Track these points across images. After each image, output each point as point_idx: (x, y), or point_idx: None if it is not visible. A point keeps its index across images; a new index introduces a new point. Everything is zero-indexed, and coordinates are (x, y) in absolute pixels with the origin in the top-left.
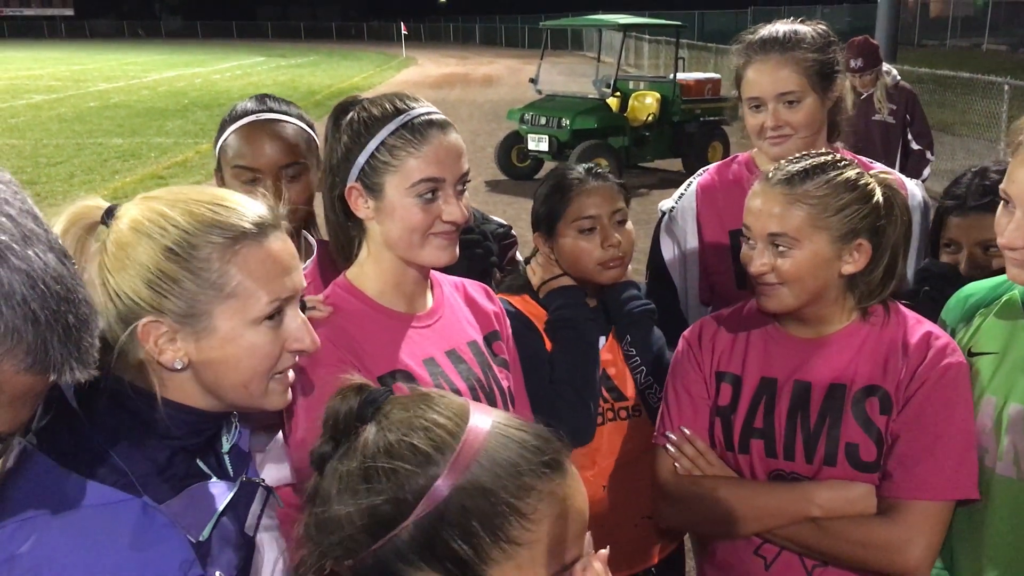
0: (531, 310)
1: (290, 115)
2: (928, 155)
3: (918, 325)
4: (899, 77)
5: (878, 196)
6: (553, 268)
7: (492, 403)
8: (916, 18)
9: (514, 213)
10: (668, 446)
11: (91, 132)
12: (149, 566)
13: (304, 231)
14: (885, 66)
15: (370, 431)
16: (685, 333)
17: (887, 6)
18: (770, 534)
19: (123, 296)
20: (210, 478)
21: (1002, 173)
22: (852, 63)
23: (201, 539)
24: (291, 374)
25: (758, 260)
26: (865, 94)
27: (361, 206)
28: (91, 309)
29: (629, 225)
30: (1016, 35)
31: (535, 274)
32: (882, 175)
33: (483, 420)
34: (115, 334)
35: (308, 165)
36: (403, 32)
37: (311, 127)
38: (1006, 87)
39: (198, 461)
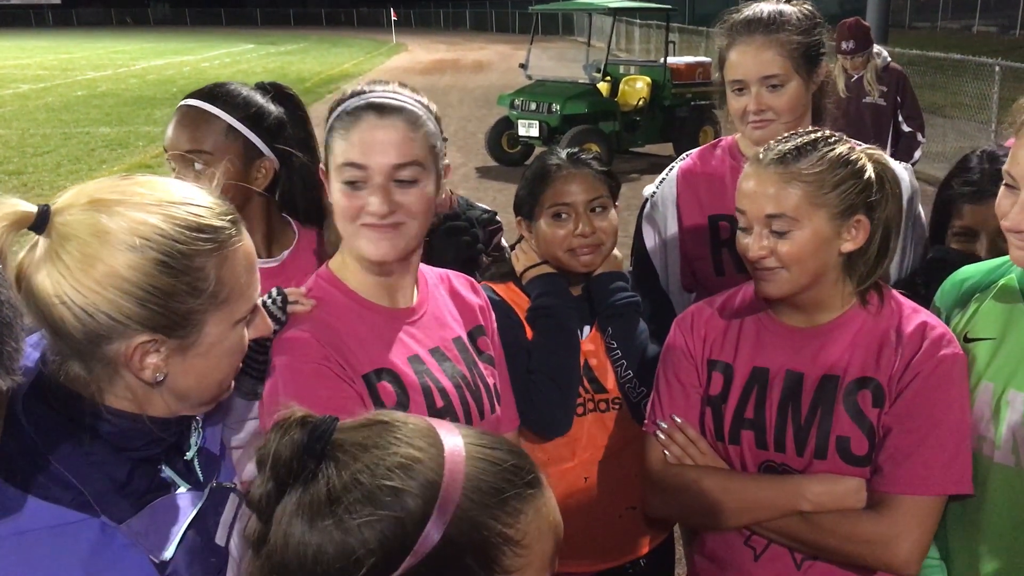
0: (515, 298)
1: (217, 103)
2: (919, 137)
3: (914, 315)
4: (889, 59)
5: (870, 171)
6: (534, 255)
7: (478, 400)
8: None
9: (504, 200)
10: (658, 433)
11: (78, 121)
12: None
13: (288, 216)
14: (876, 48)
15: (330, 472)
16: (677, 320)
17: None
18: (758, 526)
19: (98, 316)
20: (176, 487)
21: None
22: (844, 45)
23: (165, 558)
24: None
25: (756, 245)
26: (856, 76)
27: (327, 189)
28: (15, 312)
29: (612, 214)
30: (1007, 17)
31: (518, 261)
32: (870, 150)
33: (455, 442)
34: (74, 353)
35: (216, 157)
36: (393, 18)
37: (255, 119)
38: (997, 68)
39: (166, 468)
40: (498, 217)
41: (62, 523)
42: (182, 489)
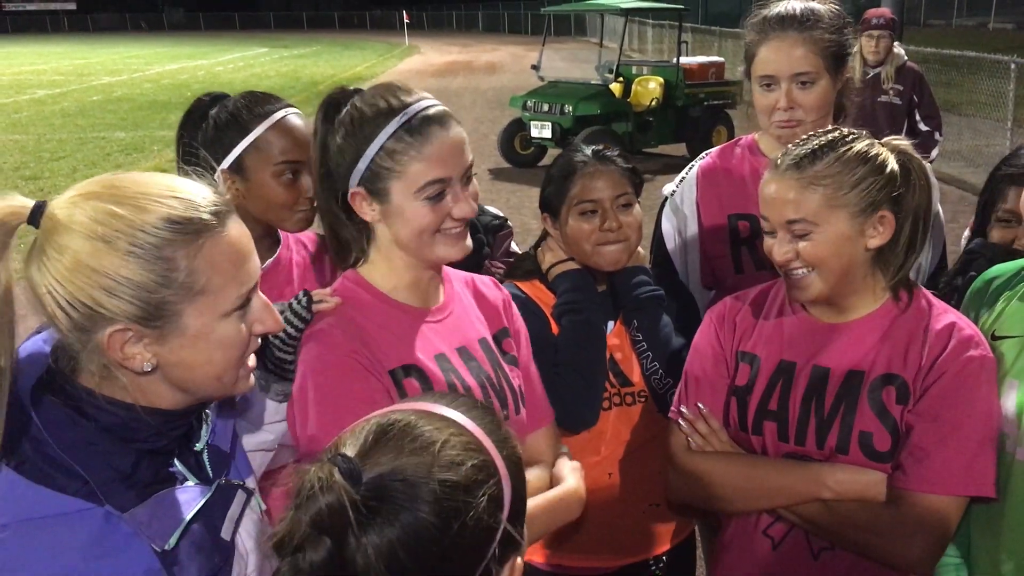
0: (540, 296)
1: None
2: (937, 135)
3: (944, 314)
4: (906, 57)
5: (892, 165)
6: (560, 252)
7: (503, 401)
8: None
9: (517, 201)
10: (680, 422)
11: (94, 126)
12: None
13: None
14: (895, 47)
15: (407, 488)
16: (710, 311)
17: None
18: (779, 509)
19: (79, 306)
20: (183, 482)
21: None
22: (874, 21)
23: (167, 548)
24: (253, 358)
25: (780, 248)
26: (872, 73)
27: (367, 210)
28: None
29: (636, 210)
30: (1023, 13)
31: (544, 259)
32: (894, 142)
33: (455, 415)
34: (71, 344)
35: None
36: (406, 20)
37: None
38: (1013, 66)
39: (176, 462)
40: (509, 222)
41: (67, 511)
42: (190, 483)
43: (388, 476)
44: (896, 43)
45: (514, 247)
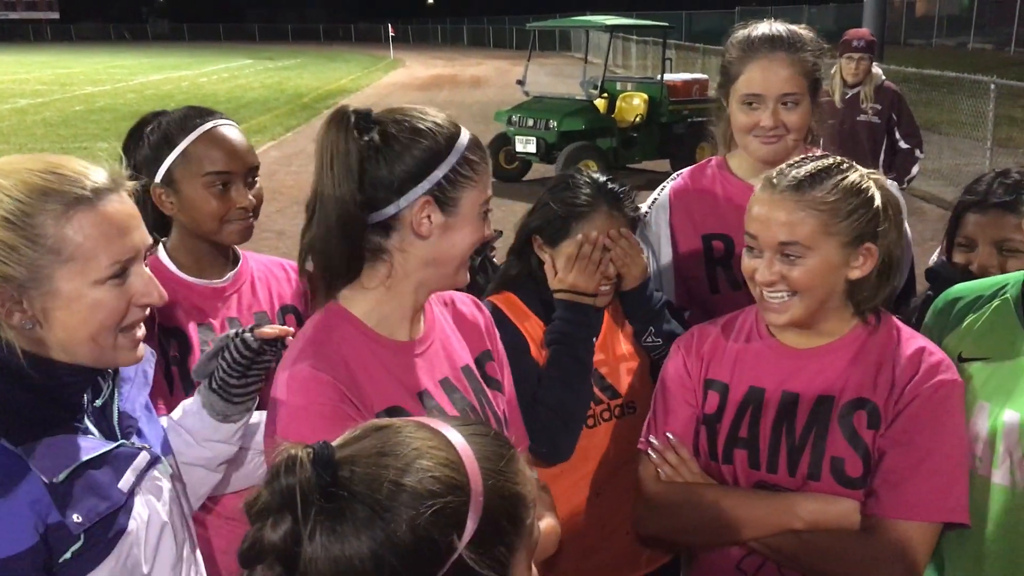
0: (514, 309)
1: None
2: (918, 153)
3: (912, 339)
4: (884, 77)
5: (878, 199)
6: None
7: None
8: (902, 17)
9: (501, 215)
10: (651, 452)
11: (76, 136)
12: None
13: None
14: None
15: (358, 487)
16: (677, 340)
17: (873, 5)
18: (751, 542)
19: None
20: (87, 435)
21: None
22: (855, 43)
23: (55, 481)
24: (141, 330)
25: (767, 270)
26: (850, 93)
27: (424, 223)
28: None
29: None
30: (1002, 34)
31: (551, 271)
32: (872, 175)
33: (445, 428)
34: None
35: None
36: (391, 34)
37: None
38: (992, 86)
39: (87, 421)
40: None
41: None
42: (93, 435)
43: (348, 463)
44: (874, 64)
45: (493, 261)
